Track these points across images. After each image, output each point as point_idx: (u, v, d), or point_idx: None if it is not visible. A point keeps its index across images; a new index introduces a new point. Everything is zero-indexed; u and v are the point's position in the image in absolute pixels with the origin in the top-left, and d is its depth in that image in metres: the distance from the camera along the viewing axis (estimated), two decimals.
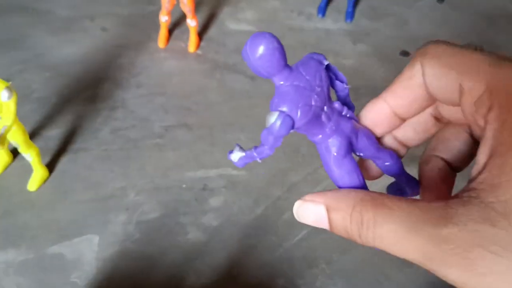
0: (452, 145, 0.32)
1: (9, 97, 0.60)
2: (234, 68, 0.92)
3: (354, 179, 0.31)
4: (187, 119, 0.84)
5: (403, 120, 0.32)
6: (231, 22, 1.01)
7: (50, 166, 0.75)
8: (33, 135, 0.78)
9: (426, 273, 0.69)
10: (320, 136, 0.31)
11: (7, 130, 0.63)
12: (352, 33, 1.03)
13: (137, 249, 0.69)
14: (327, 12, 1.06)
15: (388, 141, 0.34)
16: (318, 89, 0.30)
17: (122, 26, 0.98)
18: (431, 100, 0.30)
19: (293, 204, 0.79)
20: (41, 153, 0.73)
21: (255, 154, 0.31)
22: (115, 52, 0.93)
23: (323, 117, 0.31)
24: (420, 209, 0.24)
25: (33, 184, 0.72)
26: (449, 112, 0.31)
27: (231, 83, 0.90)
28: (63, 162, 0.77)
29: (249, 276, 0.68)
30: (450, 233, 0.22)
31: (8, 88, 0.60)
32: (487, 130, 0.24)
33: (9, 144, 0.71)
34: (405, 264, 0.70)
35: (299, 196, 0.79)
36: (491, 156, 0.23)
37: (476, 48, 0.28)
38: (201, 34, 0.98)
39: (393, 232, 0.25)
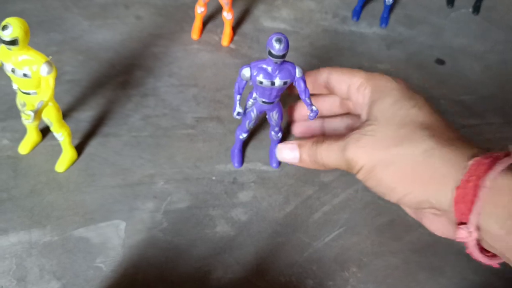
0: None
1: (48, 72, 0.59)
2: None
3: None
4: (219, 112, 0.83)
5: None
6: (265, 19, 1.00)
7: (79, 149, 0.74)
8: (63, 117, 0.76)
9: (459, 283, 0.67)
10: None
11: (44, 105, 0.61)
12: (386, 38, 1.01)
13: (164, 238, 0.67)
14: (362, 16, 1.05)
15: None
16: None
17: (156, 16, 0.97)
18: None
19: (325, 205, 0.77)
20: (71, 134, 0.71)
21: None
22: (148, 41, 0.92)
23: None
24: (335, 137, 0.51)
25: (61, 165, 0.71)
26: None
27: None
28: (92, 145, 0.75)
29: (277, 274, 0.66)
30: (348, 137, 0.49)
31: (48, 63, 0.59)
32: (365, 99, 0.51)
33: (40, 123, 0.70)
34: (438, 272, 0.68)
35: (332, 197, 0.77)
36: (368, 112, 0.50)
37: None
38: (235, 29, 0.97)
39: (325, 150, 0.50)
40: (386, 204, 0.74)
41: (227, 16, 0.91)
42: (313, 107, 0.61)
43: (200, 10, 0.91)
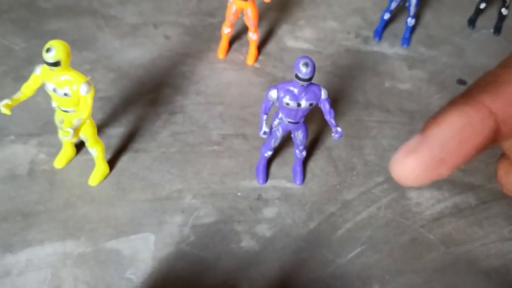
0: None
1: (87, 92, 0.62)
2: None
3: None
4: (244, 130, 0.85)
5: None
6: (289, 39, 1.03)
7: (111, 163, 0.77)
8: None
9: None
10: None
11: (82, 123, 0.64)
12: (408, 58, 1.03)
13: (191, 252, 0.69)
14: (384, 37, 1.07)
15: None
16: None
17: (184, 35, 1.01)
18: None
19: (348, 222, 0.78)
20: (105, 150, 0.74)
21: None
22: (176, 60, 0.95)
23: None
24: None
25: (94, 179, 0.74)
26: None
27: None
28: (123, 161, 0.78)
29: None
30: None
31: (88, 83, 0.63)
32: None
33: None
34: None
35: (354, 214, 0.79)
36: None
37: None
38: (259, 48, 1.00)
39: None
40: (408, 222, 0.75)
41: (253, 36, 0.94)
42: (338, 128, 0.63)
43: (226, 30, 0.94)
